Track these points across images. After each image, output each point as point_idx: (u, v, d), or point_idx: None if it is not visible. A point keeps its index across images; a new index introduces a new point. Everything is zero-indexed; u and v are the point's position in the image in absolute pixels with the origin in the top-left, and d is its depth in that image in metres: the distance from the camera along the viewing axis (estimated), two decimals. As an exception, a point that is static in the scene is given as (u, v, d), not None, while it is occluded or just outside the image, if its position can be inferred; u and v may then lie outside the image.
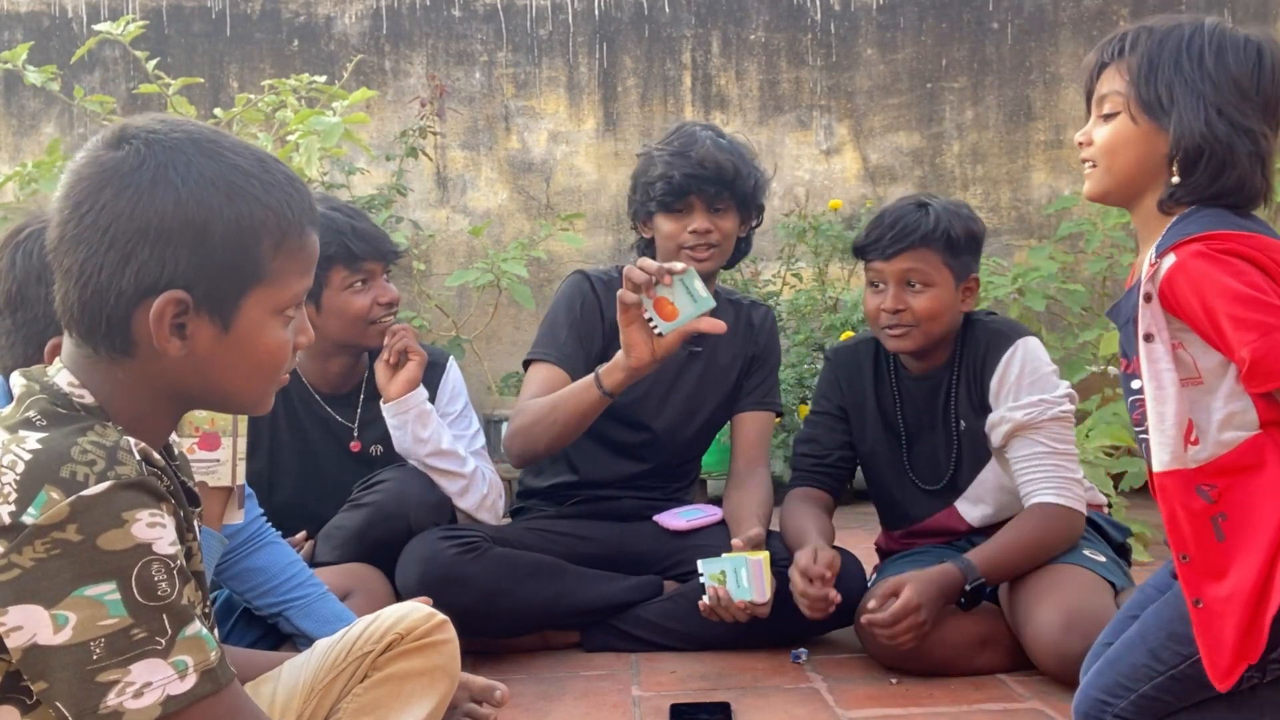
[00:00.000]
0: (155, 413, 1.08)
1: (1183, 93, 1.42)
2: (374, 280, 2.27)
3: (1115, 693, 1.47)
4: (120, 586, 0.92)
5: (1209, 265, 1.35)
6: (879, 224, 2.15)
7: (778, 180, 5.05)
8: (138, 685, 0.92)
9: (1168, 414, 1.38)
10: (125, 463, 0.95)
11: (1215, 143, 1.41)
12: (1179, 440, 1.38)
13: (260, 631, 1.97)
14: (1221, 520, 1.36)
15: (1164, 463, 1.39)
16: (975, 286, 2.19)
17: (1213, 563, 1.36)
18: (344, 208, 2.33)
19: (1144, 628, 1.50)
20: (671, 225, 2.33)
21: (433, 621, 1.35)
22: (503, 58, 5.08)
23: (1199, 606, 1.37)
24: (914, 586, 1.93)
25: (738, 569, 2.02)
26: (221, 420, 1.57)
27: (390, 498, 2.21)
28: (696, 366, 2.46)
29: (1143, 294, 1.40)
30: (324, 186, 4.59)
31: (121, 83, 4.93)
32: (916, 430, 2.27)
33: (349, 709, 1.30)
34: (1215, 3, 5.13)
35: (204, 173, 1.01)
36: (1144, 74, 1.45)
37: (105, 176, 1.00)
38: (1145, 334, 1.40)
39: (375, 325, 2.28)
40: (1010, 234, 5.04)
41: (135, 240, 0.99)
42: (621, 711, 1.91)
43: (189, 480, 1.17)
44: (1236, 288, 1.33)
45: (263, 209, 1.03)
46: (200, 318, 1.03)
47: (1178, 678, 1.43)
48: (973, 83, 5.10)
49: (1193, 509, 1.37)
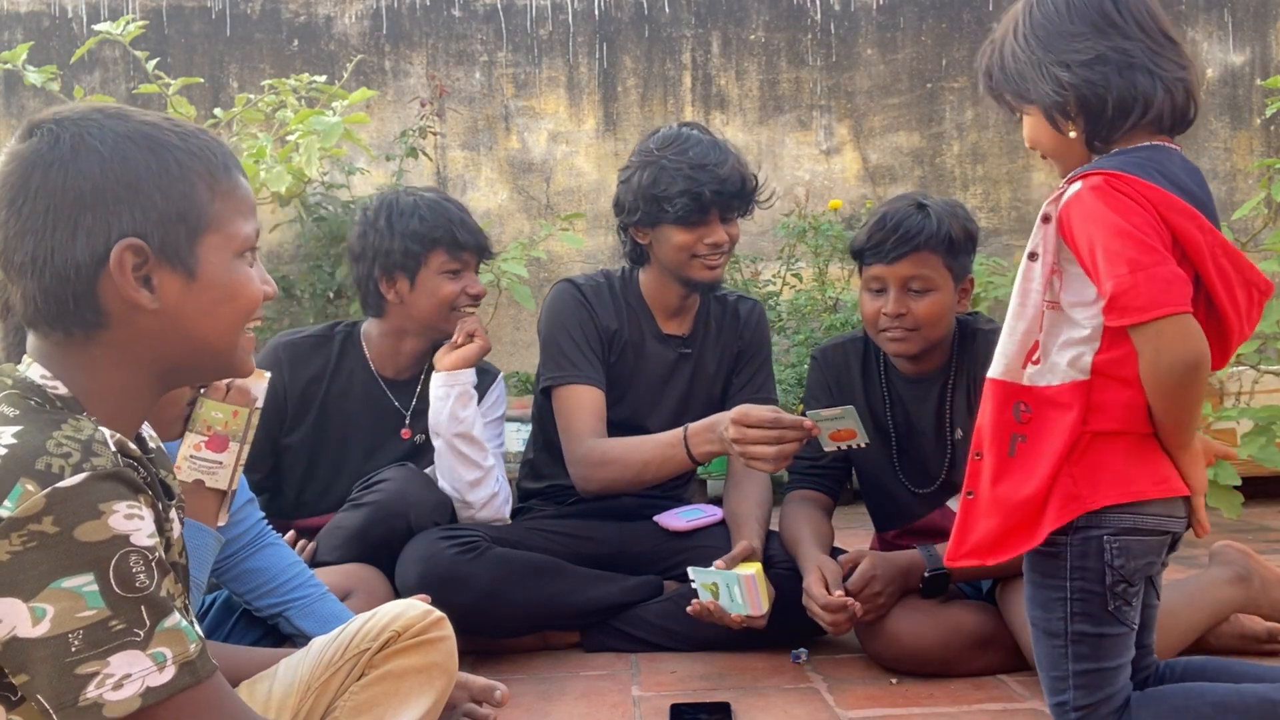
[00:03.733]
0: (133, 394, 1.08)
1: (1028, 70, 1.52)
2: (467, 271, 2.39)
3: (1056, 690, 1.52)
4: (98, 578, 0.92)
5: (1101, 199, 1.41)
6: (880, 227, 2.09)
7: (778, 180, 5.05)
8: (117, 677, 0.92)
9: (1019, 329, 1.49)
10: (101, 454, 0.95)
11: (1072, 88, 1.48)
12: (1019, 356, 1.49)
13: (260, 632, 1.97)
14: (1020, 441, 1.48)
15: (998, 371, 1.51)
16: (971, 287, 2.17)
17: (997, 470, 1.49)
18: (455, 201, 2.46)
19: (1030, 622, 1.56)
20: (685, 237, 2.32)
21: (430, 619, 1.35)
22: (503, 58, 5.08)
23: (969, 497, 1.52)
24: (872, 559, 2.04)
25: (730, 585, 2.01)
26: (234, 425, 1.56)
27: (391, 497, 2.22)
28: (687, 366, 2.47)
29: (1041, 215, 1.48)
30: (324, 186, 4.59)
31: (121, 83, 4.93)
32: (907, 432, 2.26)
33: (346, 706, 1.30)
34: (1215, 3, 5.13)
35: (119, 131, 1.04)
36: (1002, 78, 1.57)
37: (29, 164, 1.01)
38: (1030, 252, 1.49)
39: (457, 313, 2.38)
40: (1010, 234, 5.04)
41: (75, 210, 1.01)
42: (621, 711, 1.91)
43: (164, 472, 1.17)
44: (1120, 223, 1.39)
45: (186, 155, 1.06)
46: (163, 268, 1.04)
47: (1077, 637, 1.49)
48: (973, 83, 5.10)
49: (1002, 419, 1.49)
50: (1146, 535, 1.48)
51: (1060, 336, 1.47)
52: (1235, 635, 2.10)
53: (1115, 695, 1.49)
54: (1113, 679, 1.49)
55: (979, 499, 1.50)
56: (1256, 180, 4.65)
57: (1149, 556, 1.49)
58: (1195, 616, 2.06)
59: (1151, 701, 1.49)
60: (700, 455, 2.15)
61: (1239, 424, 3.39)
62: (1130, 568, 1.47)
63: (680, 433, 2.17)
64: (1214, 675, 1.58)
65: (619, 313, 2.45)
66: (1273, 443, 2.87)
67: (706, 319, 2.50)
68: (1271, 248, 3.28)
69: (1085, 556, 1.47)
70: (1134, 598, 1.49)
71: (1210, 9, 5.13)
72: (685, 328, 2.49)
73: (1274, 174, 3.40)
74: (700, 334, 2.50)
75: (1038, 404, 1.47)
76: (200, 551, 1.54)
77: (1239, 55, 5.15)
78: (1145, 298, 1.35)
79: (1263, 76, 5.02)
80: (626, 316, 2.45)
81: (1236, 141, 5.13)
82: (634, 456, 2.23)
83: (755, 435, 2.00)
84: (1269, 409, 2.95)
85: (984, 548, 1.49)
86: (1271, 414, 2.91)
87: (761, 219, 4.96)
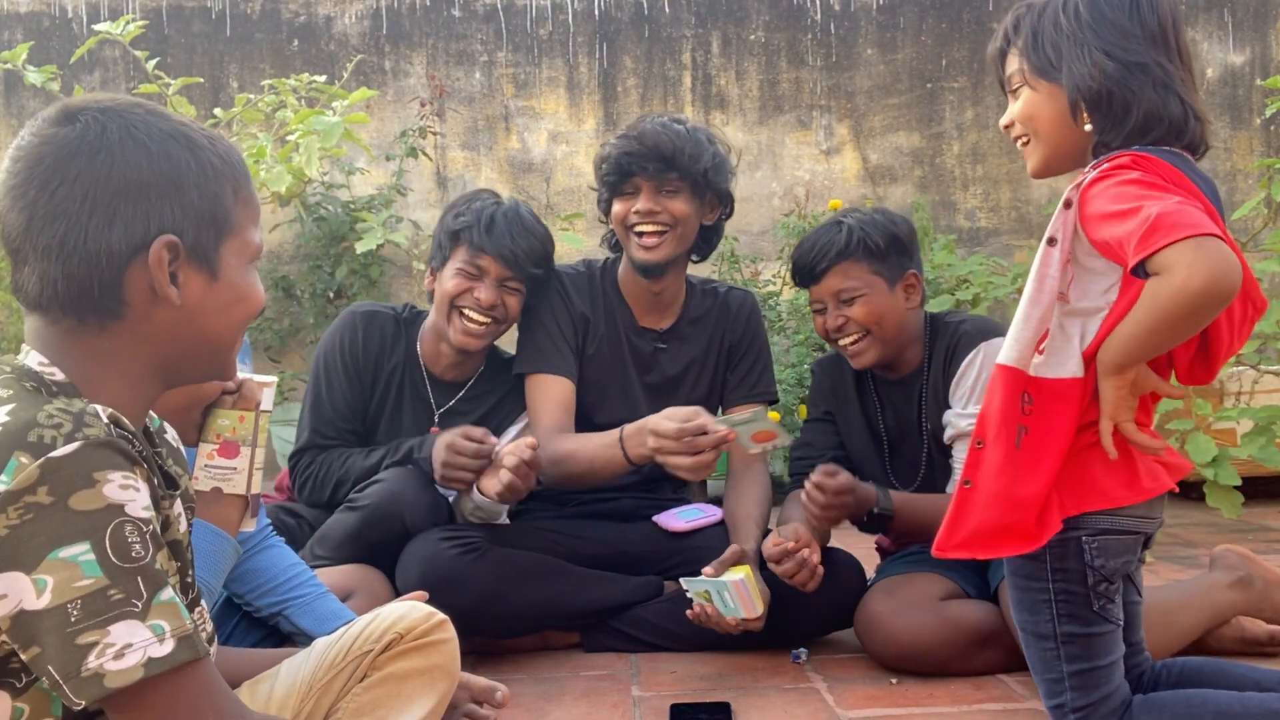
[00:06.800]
0: (131, 387, 1.08)
1: (1067, 46, 1.49)
2: (485, 278, 2.34)
3: (1053, 692, 1.52)
4: (94, 547, 0.92)
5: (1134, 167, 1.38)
6: (799, 251, 2.25)
7: (777, 180, 5.05)
8: (118, 646, 0.92)
9: (1034, 316, 1.44)
10: (93, 425, 0.95)
11: (1108, 80, 1.46)
12: (1030, 343, 1.44)
13: (262, 633, 1.96)
14: (1024, 433, 1.44)
15: (1009, 357, 1.46)
16: (917, 282, 2.24)
17: (1001, 462, 1.45)
18: (522, 218, 2.38)
19: (1019, 626, 1.56)
20: (620, 206, 2.32)
21: (432, 621, 1.35)
22: (503, 58, 5.08)
23: (967, 486, 1.48)
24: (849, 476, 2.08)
25: (720, 591, 2.01)
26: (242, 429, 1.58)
27: (386, 498, 2.22)
28: (666, 360, 2.45)
29: (1063, 200, 1.44)
30: (324, 186, 4.59)
31: (121, 83, 4.93)
32: (898, 435, 2.31)
33: (348, 708, 1.29)
34: (1215, 3, 5.13)
35: (164, 129, 1.06)
36: (1030, 44, 1.53)
37: (70, 149, 1.02)
38: (1050, 237, 1.45)
39: (460, 318, 2.35)
40: (1010, 234, 5.04)
41: (117, 200, 1.02)
42: (621, 711, 1.91)
43: (174, 466, 1.17)
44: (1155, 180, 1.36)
45: (217, 158, 1.09)
46: (190, 267, 1.06)
47: (1066, 638, 1.50)
48: (973, 83, 5.10)
49: (1010, 409, 1.45)
50: (1123, 535, 1.49)
51: (1068, 332, 1.46)
52: (1236, 639, 2.10)
53: (1113, 694, 1.50)
54: (1108, 677, 1.50)
55: (977, 489, 1.47)
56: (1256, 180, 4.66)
57: (1126, 555, 1.50)
58: (1192, 618, 2.07)
59: (1153, 707, 1.50)
60: (636, 458, 2.09)
61: (1239, 424, 3.40)
62: (1110, 566, 1.48)
63: (618, 434, 2.13)
64: (1211, 677, 1.58)
65: (594, 302, 2.44)
66: (1273, 443, 2.87)
67: (693, 313, 2.48)
68: (1271, 248, 3.28)
69: (1065, 558, 1.48)
70: (1116, 595, 1.50)
71: (1210, 9, 5.13)
72: (666, 322, 2.46)
73: (1274, 174, 3.40)
74: (683, 329, 2.47)
75: (1041, 395, 1.45)
76: (217, 557, 1.55)
77: (1239, 55, 5.15)
78: (1195, 218, 1.28)
79: (1263, 76, 5.02)
80: (602, 307, 2.44)
81: (1236, 141, 5.13)
82: (582, 454, 2.20)
83: (670, 446, 1.96)
84: (1269, 409, 2.94)
85: (978, 541, 1.47)
86: (1271, 414, 2.91)
87: (761, 219, 4.97)
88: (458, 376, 2.48)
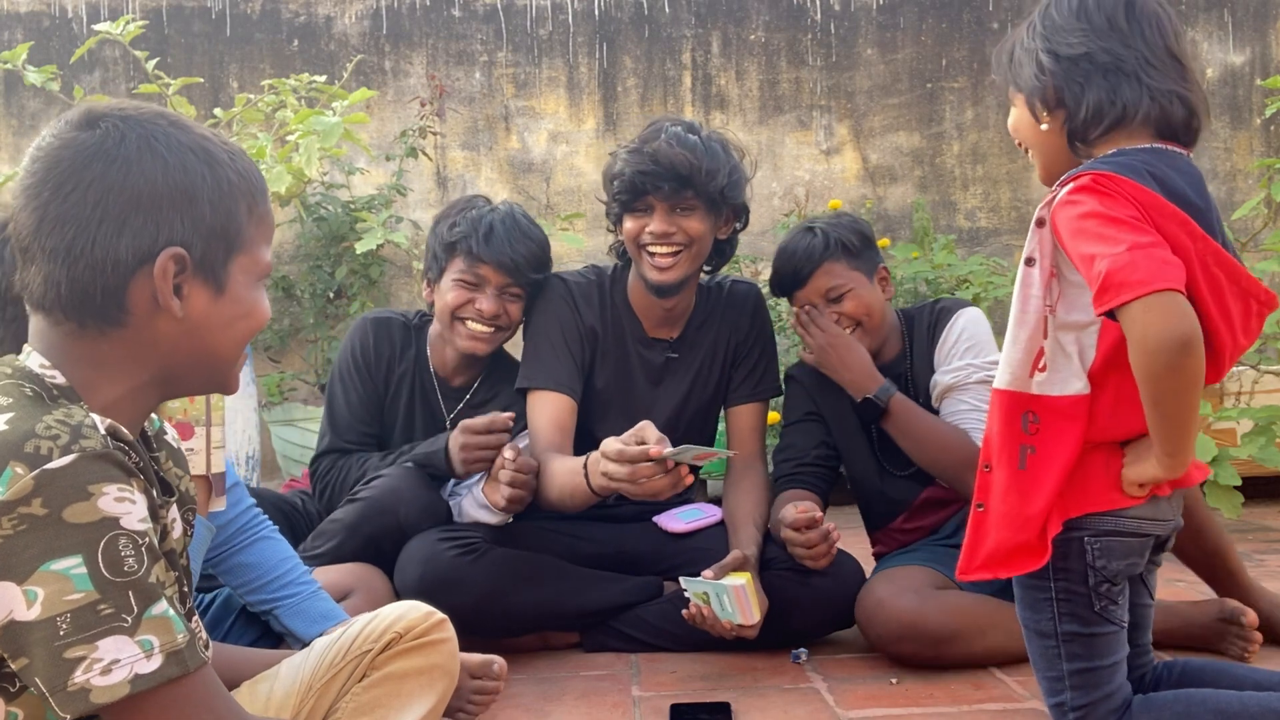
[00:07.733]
0: (132, 393, 1.07)
1: (1021, 55, 1.56)
2: (485, 287, 2.36)
3: (1054, 691, 1.53)
4: (86, 560, 0.92)
5: (1090, 194, 1.38)
6: (781, 259, 2.33)
7: (777, 180, 5.05)
8: (105, 662, 0.91)
9: (1022, 337, 1.45)
10: (90, 437, 0.95)
11: (1051, 76, 1.50)
12: (1025, 364, 1.45)
13: (260, 631, 1.96)
14: (1029, 453, 1.45)
15: (1004, 381, 1.47)
16: (886, 274, 2.35)
17: (1008, 483, 1.46)
18: (519, 224, 2.39)
19: (1021, 623, 1.57)
20: (632, 224, 2.28)
21: (431, 620, 1.35)
22: (503, 58, 5.08)
23: (980, 509, 1.50)
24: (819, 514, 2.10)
25: (719, 594, 2.01)
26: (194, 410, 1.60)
27: (383, 494, 2.23)
28: (678, 370, 2.43)
29: (1035, 219, 1.46)
30: (324, 186, 4.59)
31: (121, 83, 4.93)
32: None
33: (347, 708, 1.30)
34: (1215, 3, 5.13)
35: (183, 142, 1.06)
36: (1004, 63, 1.60)
37: (88, 155, 1.02)
38: (1027, 258, 1.46)
39: (464, 326, 2.37)
40: (1010, 234, 5.04)
41: (128, 209, 1.02)
42: (621, 711, 1.91)
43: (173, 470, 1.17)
44: (1110, 214, 1.36)
45: (237, 175, 1.09)
46: (195, 280, 1.06)
47: (1068, 637, 1.50)
48: (972, 83, 5.10)
49: (1010, 431, 1.46)
50: (1128, 537, 1.48)
51: (1064, 344, 1.45)
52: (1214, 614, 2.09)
53: (1114, 694, 1.49)
54: (1109, 677, 1.50)
55: (989, 511, 1.49)
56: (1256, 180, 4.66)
57: (1131, 557, 1.50)
58: None
59: (1153, 707, 1.49)
60: (597, 488, 1.92)
61: (1239, 424, 3.40)
62: (1113, 568, 1.48)
63: (583, 461, 1.99)
64: (1212, 677, 1.58)
65: (602, 313, 2.41)
66: (1273, 443, 2.87)
67: (701, 316, 2.44)
68: (1271, 248, 3.28)
69: (1067, 558, 1.48)
70: (1120, 596, 1.50)
71: (1210, 9, 5.13)
72: (675, 331, 2.43)
73: (1274, 174, 3.40)
74: (692, 336, 2.44)
75: (1047, 414, 1.45)
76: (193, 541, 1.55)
77: (1239, 55, 5.15)
78: (1143, 273, 1.27)
79: (1263, 76, 5.02)
80: (610, 318, 2.41)
81: (1236, 141, 5.13)
82: (556, 480, 2.09)
83: (614, 471, 1.82)
84: (1269, 409, 2.94)
85: (996, 561, 1.49)
86: (1271, 414, 2.91)
87: (762, 219, 4.96)
88: (466, 381, 2.50)
